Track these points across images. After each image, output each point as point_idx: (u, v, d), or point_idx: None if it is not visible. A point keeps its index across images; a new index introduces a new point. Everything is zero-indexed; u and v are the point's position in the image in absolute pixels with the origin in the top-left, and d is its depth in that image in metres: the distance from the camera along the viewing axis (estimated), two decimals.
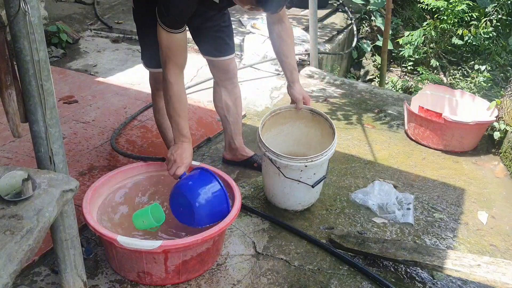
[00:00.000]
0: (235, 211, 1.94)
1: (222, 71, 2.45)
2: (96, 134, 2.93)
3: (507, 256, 2.21)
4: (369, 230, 2.30)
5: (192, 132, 2.95)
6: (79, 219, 1.70)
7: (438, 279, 2.03)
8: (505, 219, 2.49)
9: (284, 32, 2.27)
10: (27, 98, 1.36)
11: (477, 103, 3.31)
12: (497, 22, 5.34)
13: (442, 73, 5.80)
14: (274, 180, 2.32)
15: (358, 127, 3.36)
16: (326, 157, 2.22)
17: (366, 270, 2.01)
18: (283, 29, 2.27)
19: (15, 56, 1.32)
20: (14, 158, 2.61)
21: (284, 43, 2.29)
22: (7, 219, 1.22)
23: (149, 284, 1.89)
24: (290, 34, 2.30)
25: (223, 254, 2.08)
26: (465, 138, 3.06)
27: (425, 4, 5.46)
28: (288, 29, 2.29)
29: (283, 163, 2.20)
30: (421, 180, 2.76)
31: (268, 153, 2.23)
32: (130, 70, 4.09)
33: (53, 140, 1.42)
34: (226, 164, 2.72)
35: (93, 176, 2.49)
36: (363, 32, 6.25)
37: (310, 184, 2.26)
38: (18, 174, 1.34)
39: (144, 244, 1.75)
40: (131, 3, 2.30)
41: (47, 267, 1.94)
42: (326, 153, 2.22)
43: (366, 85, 4.29)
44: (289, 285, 1.94)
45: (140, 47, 2.37)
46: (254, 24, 4.87)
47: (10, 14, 1.26)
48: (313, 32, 4.15)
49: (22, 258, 1.16)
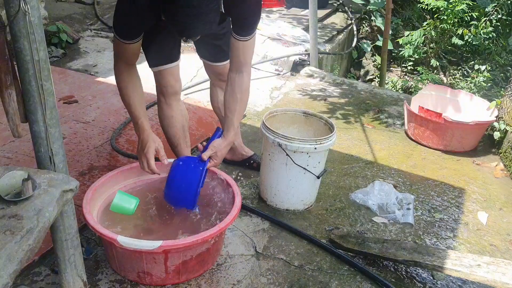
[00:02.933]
0: (235, 211, 1.94)
1: (216, 73, 2.47)
2: (96, 134, 2.93)
3: (507, 256, 2.21)
4: (369, 230, 2.30)
5: (192, 132, 2.95)
6: (79, 219, 1.70)
7: (438, 279, 2.03)
8: (505, 219, 2.49)
9: (237, 85, 2.09)
10: (27, 98, 1.36)
11: (477, 103, 3.32)
12: (497, 22, 5.34)
13: (442, 73, 5.80)
14: (279, 172, 2.31)
15: (358, 127, 3.36)
16: (332, 141, 2.27)
17: (366, 270, 2.01)
18: (238, 80, 2.09)
19: (15, 56, 1.32)
20: (14, 158, 2.60)
21: (233, 98, 2.11)
22: (7, 219, 1.22)
23: (149, 284, 1.89)
24: (244, 89, 2.11)
25: (223, 254, 2.08)
26: (465, 138, 3.06)
27: (425, 4, 5.46)
28: (243, 81, 2.10)
29: (294, 146, 2.21)
30: (421, 180, 2.76)
31: (278, 138, 2.24)
32: None
33: (53, 140, 1.42)
34: (226, 164, 2.72)
35: (93, 176, 2.49)
36: (363, 32, 6.25)
37: (315, 174, 2.28)
38: (18, 174, 1.34)
39: (144, 244, 1.74)
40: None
41: (47, 267, 1.94)
42: (332, 137, 2.27)
43: (366, 85, 4.29)
44: (289, 285, 1.94)
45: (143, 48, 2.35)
46: None
47: (10, 14, 1.25)
48: (313, 32, 4.15)
49: (22, 258, 1.16)
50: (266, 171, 2.41)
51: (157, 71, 2.28)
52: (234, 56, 2.08)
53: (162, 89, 2.33)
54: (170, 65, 2.26)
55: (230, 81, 2.12)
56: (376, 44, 5.96)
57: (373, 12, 6.20)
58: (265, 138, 2.32)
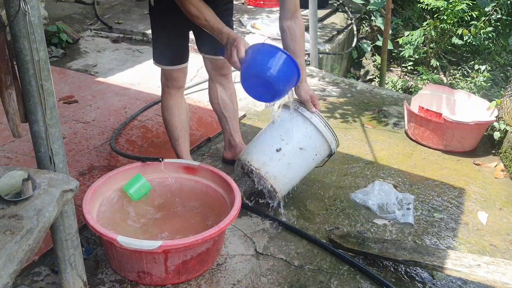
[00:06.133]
0: (235, 211, 1.94)
1: (217, 67, 2.48)
2: (96, 134, 2.93)
3: (507, 256, 2.21)
4: (369, 230, 2.30)
5: (192, 132, 2.95)
6: (79, 219, 1.70)
7: (438, 279, 2.03)
8: (505, 219, 2.49)
9: (296, 29, 2.21)
10: (27, 98, 1.36)
11: (477, 103, 3.31)
12: (496, 22, 5.34)
13: (442, 73, 5.80)
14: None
15: (358, 127, 3.36)
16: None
17: (366, 270, 2.01)
18: (296, 26, 2.21)
19: (15, 56, 1.32)
20: (14, 158, 2.61)
21: (295, 41, 2.23)
22: (7, 219, 1.22)
23: (149, 284, 1.89)
24: (302, 32, 2.24)
25: (223, 254, 2.08)
26: (465, 138, 3.06)
27: (425, 4, 5.46)
28: (301, 26, 2.23)
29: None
30: (421, 180, 2.76)
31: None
32: (130, 70, 4.09)
33: (53, 140, 1.42)
34: (226, 164, 2.72)
35: (93, 176, 2.49)
36: (363, 32, 6.25)
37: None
38: (18, 174, 1.34)
39: (144, 244, 1.74)
40: (131, 2, 2.31)
41: (47, 267, 1.94)
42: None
43: (366, 85, 4.29)
44: (289, 285, 1.94)
45: (153, 44, 2.37)
46: (254, 24, 4.87)
47: (10, 14, 1.25)
48: (313, 32, 4.15)
49: (22, 258, 1.16)
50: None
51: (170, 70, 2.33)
52: (288, 4, 2.17)
53: (168, 83, 2.37)
54: (184, 65, 2.35)
55: (288, 28, 2.20)
56: (376, 44, 5.96)
57: (373, 12, 6.20)
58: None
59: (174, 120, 2.42)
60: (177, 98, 2.42)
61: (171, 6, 2.03)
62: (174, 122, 2.43)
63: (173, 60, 2.31)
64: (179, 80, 2.38)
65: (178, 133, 2.45)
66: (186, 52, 2.35)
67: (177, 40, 2.30)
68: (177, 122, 2.43)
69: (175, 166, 2.26)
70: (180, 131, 2.45)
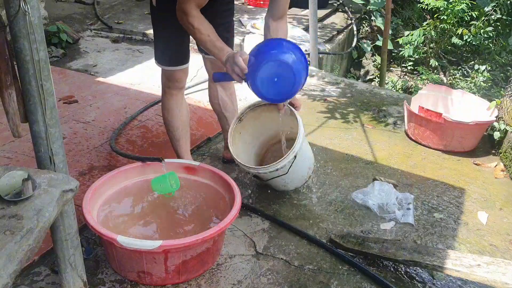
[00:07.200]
0: (235, 211, 1.94)
1: (217, 68, 2.47)
2: (96, 134, 2.93)
3: (507, 256, 2.21)
4: (369, 230, 2.30)
5: (192, 132, 2.95)
6: (79, 219, 1.70)
7: (438, 279, 2.03)
8: (505, 219, 2.49)
9: (280, 29, 2.27)
10: (27, 98, 1.36)
11: (477, 103, 3.31)
12: (496, 22, 5.34)
13: (442, 73, 5.80)
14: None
15: (358, 127, 3.36)
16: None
17: (367, 270, 2.01)
18: (280, 26, 2.27)
19: (15, 56, 1.32)
20: (14, 158, 2.61)
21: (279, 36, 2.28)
22: (7, 219, 1.22)
23: (149, 284, 1.89)
24: (285, 34, 2.31)
25: (223, 254, 2.08)
26: (465, 138, 3.06)
27: (425, 4, 5.46)
28: (285, 28, 2.31)
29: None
30: (421, 180, 2.76)
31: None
32: (130, 70, 4.09)
33: (53, 140, 1.42)
34: (226, 164, 2.72)
35: (93, 176, 2.49)
36: (363, 32, 6.25)
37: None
38: (18, 174, 1.34)
39: (144, 244, 1.74)
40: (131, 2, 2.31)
41: (47, 267, 1.94)
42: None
43: (366, 85, 4.29)
44: (289, 285, 1.94)
45: (154, 44, 2.38)
46: (254, 24, 4.87)
47: (10, 14, 1.25)
48: (313, 32, 4.15)
49: (22, 258, 1.16)
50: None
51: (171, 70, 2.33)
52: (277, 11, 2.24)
53: (169, 83, 2.37)
54: (186, 65, 2.36)
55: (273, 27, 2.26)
56: (376, 44, 5.96)
57: (373, 12, 6.20)
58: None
59: (175, 121, 2.43)
60: (178, 99, 2.42)
61: (173, 6, 2.03)
62: (175, 122, 2.43)
63: (174, 60, 2.31)
64: (180, 80, 2.38)
65: (179, 133, 2.45)
66: (187, 52, 2.36)
67: (178, 41, 2.30)
68: (178, 122, 2.43)
69: (175, 166, 2.26)
70: (181, 131, 2.45)
